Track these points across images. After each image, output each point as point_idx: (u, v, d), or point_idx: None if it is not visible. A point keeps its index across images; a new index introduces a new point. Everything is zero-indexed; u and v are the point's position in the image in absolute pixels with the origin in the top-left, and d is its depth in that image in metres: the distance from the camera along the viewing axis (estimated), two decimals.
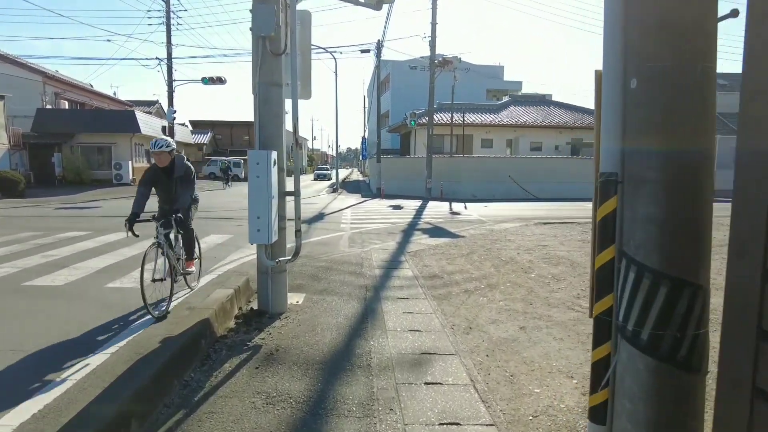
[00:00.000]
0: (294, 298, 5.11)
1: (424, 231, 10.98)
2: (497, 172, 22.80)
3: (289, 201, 4.74)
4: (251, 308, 4.70)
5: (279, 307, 4.63)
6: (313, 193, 25.89)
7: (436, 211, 15.94)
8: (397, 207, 17.10)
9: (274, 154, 4.24)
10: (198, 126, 48.76)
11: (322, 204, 18.10)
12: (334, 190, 26.64)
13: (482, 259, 7.58)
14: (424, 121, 27.55)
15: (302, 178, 31.33)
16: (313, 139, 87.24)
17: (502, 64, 52.65)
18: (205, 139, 45.27)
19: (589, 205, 15.08)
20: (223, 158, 42.08)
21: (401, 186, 24.16)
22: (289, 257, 4.58)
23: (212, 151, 47.62)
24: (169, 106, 24.51)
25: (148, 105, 44.92)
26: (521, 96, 34.81)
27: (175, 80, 24.63)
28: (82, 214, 13.27)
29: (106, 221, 11.55)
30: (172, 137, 25.15)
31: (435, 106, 29.95)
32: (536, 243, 9.25)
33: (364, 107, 60.97)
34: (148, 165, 27.91)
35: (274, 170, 4.22)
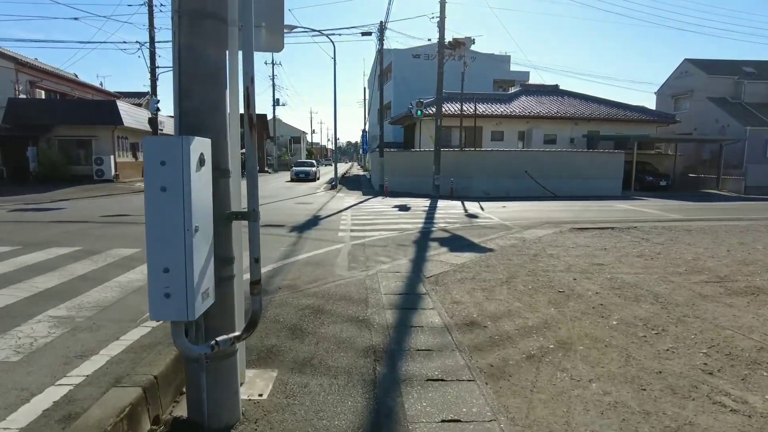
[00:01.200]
0: (256, 385, 3.08)
1: (442, 242, 8.94)
2: (512, 168, 20.73)
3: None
4: (175, 417, 2.67)
5: (223, 415, 2.61)
6: (309, 190, 23.82)
7: (449, 212, 13.90)
8: (404, 207, 15.05)
9: (200, 145, 2.19)
10: None
11: (317, 204, 16.04)
12: (333, 187, 24.58)
13: (531, 290, 5.55)
14: (431, 111, 25.47)
15: (279, 177, 28.68)
16: (312, 132, 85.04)
17: (509, 54, 50.26)
18: None
19: (620, 205, 12.85)
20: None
21: (406, 182, 22.10)
22: (238, 333, 2.54)
23: None
24: (152, 96, 22.42)
25: (139, 96, 42.73)
26: (533, 86, 32.66)
27: (158, 67, 22.57)
28: (35, 218, 11.23)
29: (53, 229, 9.51)
30: (157, 130, 23.11)
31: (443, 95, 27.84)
32: (588, 260, 7.22)
33: (365, 99, 58.90)
34: (134, 159, 25.78)
35: (200, 176, 2.18)
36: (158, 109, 22.22)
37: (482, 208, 14.94)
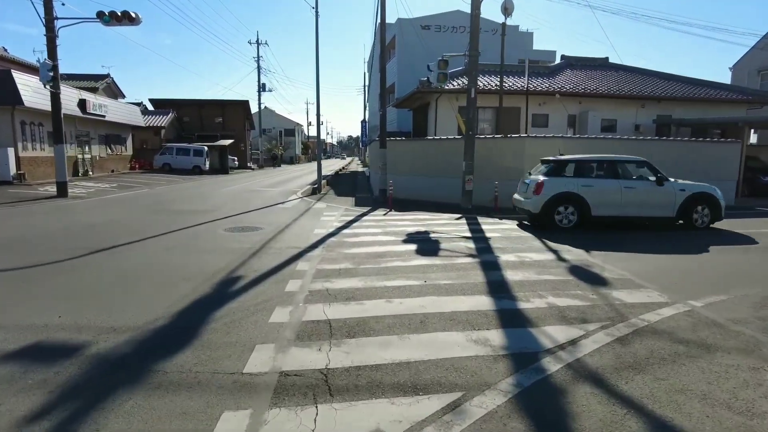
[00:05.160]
0: None
1: None
2: None
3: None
4: None
5: None
6: (277, 197, 16.72)
7: (527, 258, 6.76)
8: (426, 243, 7.94)
9: None
10: (160, 106, 39.55)
11: (266, 231, 8.92)
12: (315, 191, 17.48)
13: None
14: (455, 85, 18.35)
15: (256, 177, 21.15)
16: (309, 125, 77.55)
17: (532, 30, 42.83)
18: (163, 121, 35.97)
19: None
20: (196, 145, 32.87)
21: (418, 185, 15.06)
22: None
23: (176, 136, 38.45)
24: (47, 59, 15.30)
25: (96, 79, 35.80)
26: (578, 58, 25.44)
27: (58, 18, 15.44)
28: None
29: None
30: (60, 112, 16.00)
31: (462, 68, 20.70)
32: None
33: (365, 85, 51.86)
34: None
35: None
36: (53, 79, 15.09)
37: (590, 255, 7.79)
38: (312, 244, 7.58)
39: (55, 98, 15.61)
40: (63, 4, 16.33)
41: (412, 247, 7.39)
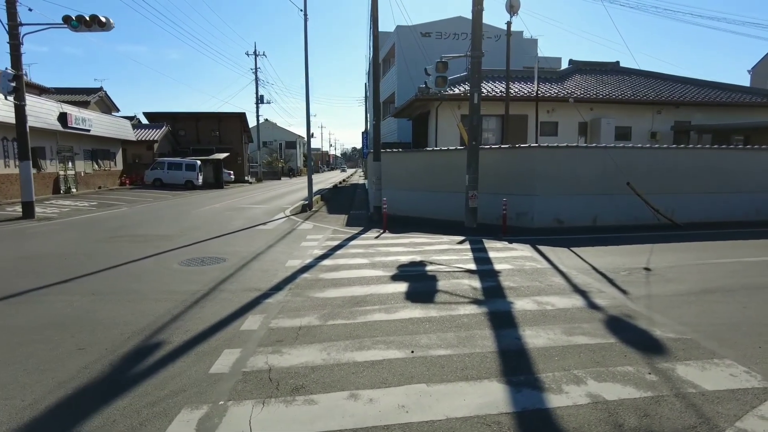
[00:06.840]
0: None
1: None
2: (598, 176, 12.07)
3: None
4: None
5: None
6: (261, 216, 15.39)
7: (548, 307, 5.25)
8: (420, 278, 6.45)
9: None
10: (155, 119, 38.41)
11: (236, 260, 7.49)
12: (304, 209, 16.02)
13: None
14: (457, 90, 17.00)
15: (250, 192, 19.37)
16: (311, 137, 76.44)
17: (536, 37, 41.62)
18: (156, 134, 34.76)
19: None
20: (188, 159, 31.66)
21: (416, 201, 13.57)
22: None
23: (171, 150, 37.28)
24: (9, 68, 14.05)
25: (88, 93, 34.75)
26: (586, 63, 24.03)
27: (23, 24, 14.21)
28: None
29: None
30: (25, 125, 14.71)
31: (464, 73, 19.30)
32: None
33: (365, 96, 50.80)
34: (35, 170, 15.19)
35: None
36: (15, 89, 13.81)
37: (611, 281, 6.24)
38: (277, 283, 6.08)
39: (20, 111, 14.32)
40: (30, 10, 15.00)
41: (402, 287, 5.87)
